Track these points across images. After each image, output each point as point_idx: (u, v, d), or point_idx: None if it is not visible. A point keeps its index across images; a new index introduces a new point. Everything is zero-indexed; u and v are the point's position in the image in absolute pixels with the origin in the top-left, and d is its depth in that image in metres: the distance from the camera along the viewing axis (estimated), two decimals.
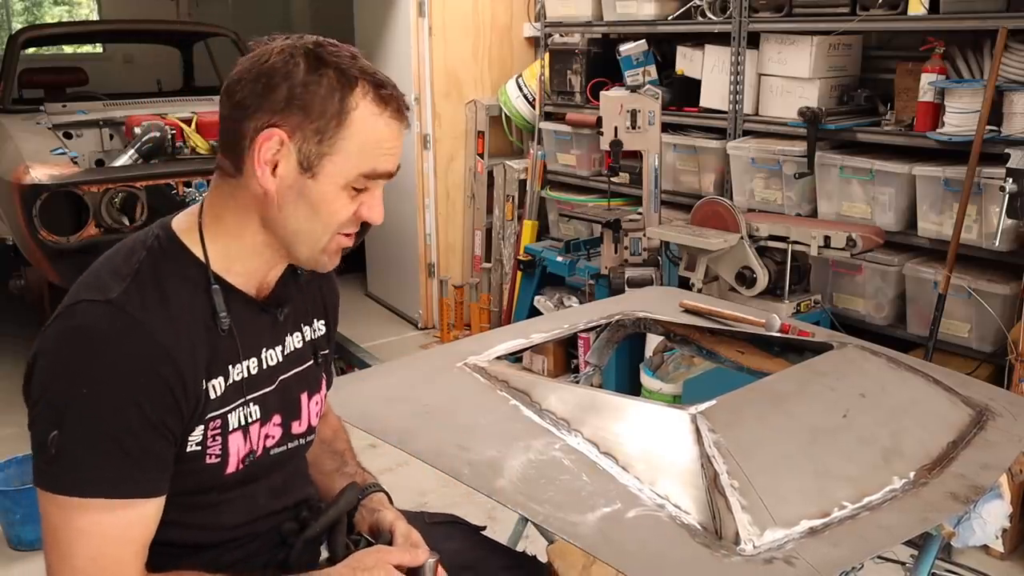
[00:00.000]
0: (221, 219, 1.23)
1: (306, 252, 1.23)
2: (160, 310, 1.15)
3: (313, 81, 1.15)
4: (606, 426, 1.49)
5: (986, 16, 2.92)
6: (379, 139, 1.18)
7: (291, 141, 1.16)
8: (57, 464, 1.10)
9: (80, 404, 1.10)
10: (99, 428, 1.10)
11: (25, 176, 3.13)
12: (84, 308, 1.13)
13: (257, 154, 1.16)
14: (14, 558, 2.92)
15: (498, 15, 4.82)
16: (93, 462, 1.10)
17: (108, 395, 1.10)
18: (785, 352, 2.00)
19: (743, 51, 3.60)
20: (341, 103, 1.15)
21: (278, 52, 1.17)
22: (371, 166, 1.19)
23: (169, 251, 1.21)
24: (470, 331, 4.67)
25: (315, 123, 1.15)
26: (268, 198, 1.19)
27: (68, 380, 1.11)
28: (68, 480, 1.10)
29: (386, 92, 1.19)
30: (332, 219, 1.20)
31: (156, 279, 1.17)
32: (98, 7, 8.24)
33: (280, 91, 1.15)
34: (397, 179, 1.27)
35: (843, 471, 1.41)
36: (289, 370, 1.34)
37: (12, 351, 4.70)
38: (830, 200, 3.39)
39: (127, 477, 1.12)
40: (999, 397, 1.76)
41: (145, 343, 1.12)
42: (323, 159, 1.17)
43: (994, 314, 2.96)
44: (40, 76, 5.44)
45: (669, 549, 1.26)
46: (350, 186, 1.19)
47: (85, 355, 1.11)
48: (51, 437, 1.10)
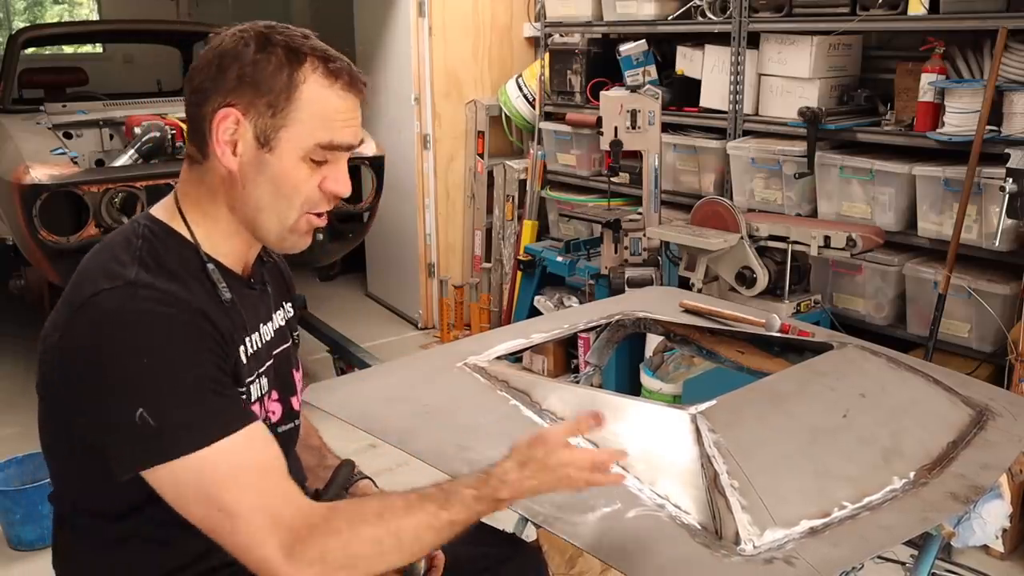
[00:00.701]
0: (198, 204, 1.27)
1: (274, 230, 1.26)
2: (175, 284, 1.18)
3: (262, 59, 1.20)
4: (606, 426, 1.49)
5: (986, 16, 2.92)
6: (332, 110, 1.22)
7: (246, 119, 1.21)
8: (164, 432, 1.10)
9: (153, 372, 1.11)
10: (184, 384, 1.12)
11: (25, 176, 3.13)
12: (108, 295, 1.15)
13: (216, 135, 1.21)
14: (14, 558, 2.92)
15: (498, 15, 4.82)
16: (194, 413, 1.12)
17: (173, 354, 1.13)
18: (785, 352, 2.00)
19: (743, 51, 3.60)
20: (290, 77, 1.20)
21: (230, 36, 1.23)
22: (327, 137, 1.22)
23: (161, 236, 1.24)
24: (470, 331, 4.67)
25: (265, 97, 1.20)
26: (232, 178, 1.23)
27: (127, 359, 1.11)
28: (187, 438, 1.11)
29: (335, 65, 1.23)
30: (295, 193, 1.24)
31: (158, 261, 1.20)
32: (98, 7, 8.24)
33: (232, 71, 1.20)
34: (397, 179, 1.30)
35: (843, 471, 1.41)
36: (279, 346, 1.40)
37: (12, 351, 4.70)
38: (830, 200, 3.39)
39: (231, 409, 1.16)
40: (999, 397, 1.77)
41: (183, 308, 1.16)
42: (279, 132, 1.21)
43: (994, 314, 2.96)
44: (40, 76, 5.44)
45: (669, 549, 1.26)
46: (308, 158, 1.23)
47: (134, 331, 1.13)
48: (139, 415, 1.10)
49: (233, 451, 1.12)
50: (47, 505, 1.36)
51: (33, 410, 1.30)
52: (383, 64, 4.94)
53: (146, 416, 1.10)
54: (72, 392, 1.17)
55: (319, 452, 1.58)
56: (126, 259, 1.19)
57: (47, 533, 2.88)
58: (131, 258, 1.19)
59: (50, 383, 1.22)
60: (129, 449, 1.12)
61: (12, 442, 3.31)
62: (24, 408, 4.14)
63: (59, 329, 1.18)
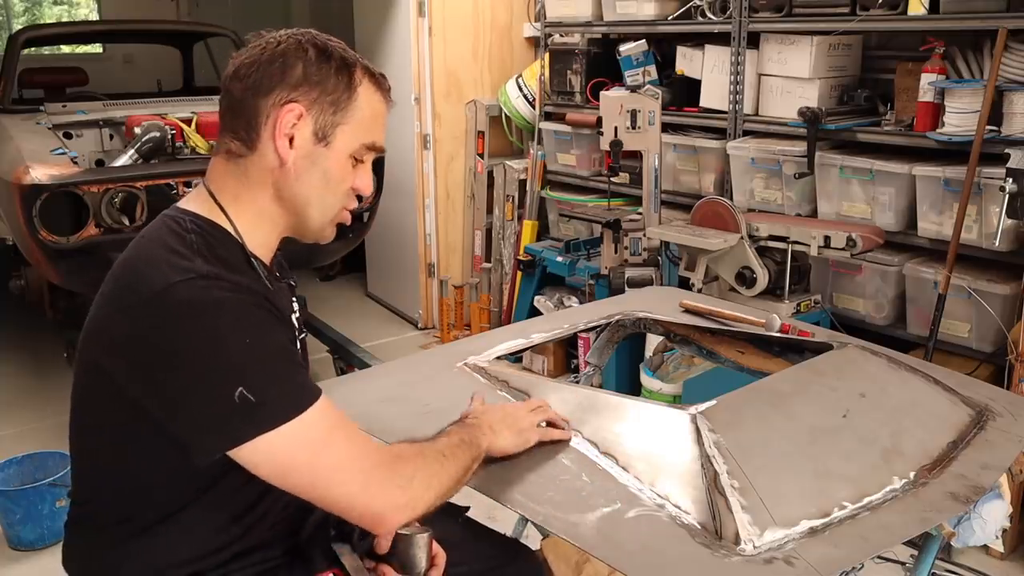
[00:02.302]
0: (237, 198, 1.32)
1: (317, 221, 1.35)
2: (235, 275, 1.24)
3: (324, 62, 1.30)
4: (606, 426, 1.49)
5: (986, 16, 2.92)
6: (378, 113, 1.35)
7: (308, 114, 1.29)
8: (266, 404, 1.17)
9: (251, 351, 1.18)
10: (275, 358, 1.22)
11: (25, 176, 3.13)
12: (183, 287, 1.18)
13: (277, 127, 1.28)
14: (14, 558, 2.92)
15: (498, 15, 4.82)
16: (291, 382, 1.22)
17: (264, 334, 1.21)
18: (785, 352, 2.00)
19: (743, 51, 3.60)
20: (349, 79, 1.31)
21: (287, 39, 1.31)
22: (372, 137, 1.34)
23: (208, 230, 1.29)
24: (470, 331, 4.67)
25: (330, 95, 1.29)
26: (284, 169, 1.30)
27: (227, 341, 1.17)
28: (286, 407, 1.19)
29: (378, 74, 1.36)
30: (340, 187, 1.34)
31: (214, 255, 1.25)
32: (98, 7, 8.24)
33: (296, 70, 1.28)
34: (397, 179, 1.35)
35: (843, 471, 1.41)
36: (300, 336, 1.46)
37: (12, 351, 4.70)
38: (830, 200, 3.39)
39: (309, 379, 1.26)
40: (999, 397, 1.76)
41: (253, 294, 1.23)
42: (336, 128, 1.30)
43: (994, 314, 2.96)
44: (40, 76, 5.44)
45: (669, 549, 1.26)
46: (353, 156, 1.33)
47: (217, 318, 1.18)
48: (238, 394, 1.15)
49: (321, 415, 1.22)
50: (47, 505, 1.37)
51: (33, 411, 1.31)
52: (383, 64, 4.93)
53: (246, 394, 1.16)
54: (144, 384, 1.20)
55: None
56: (187, 252, 1.23)
57: (47, 533, 2.91)
58: (191, 251, 1.23)
59: (106, 379, 1.23)
60: (225, 428, 1.17)
61: (12, 442, 3.32)
62: (24, 408, 4.16)
63: (124, 323, 1.20)
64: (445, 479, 1.30)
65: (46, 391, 4.05)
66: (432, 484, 1.28)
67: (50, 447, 3.08)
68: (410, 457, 1.29)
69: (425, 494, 1.27)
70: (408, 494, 1.25)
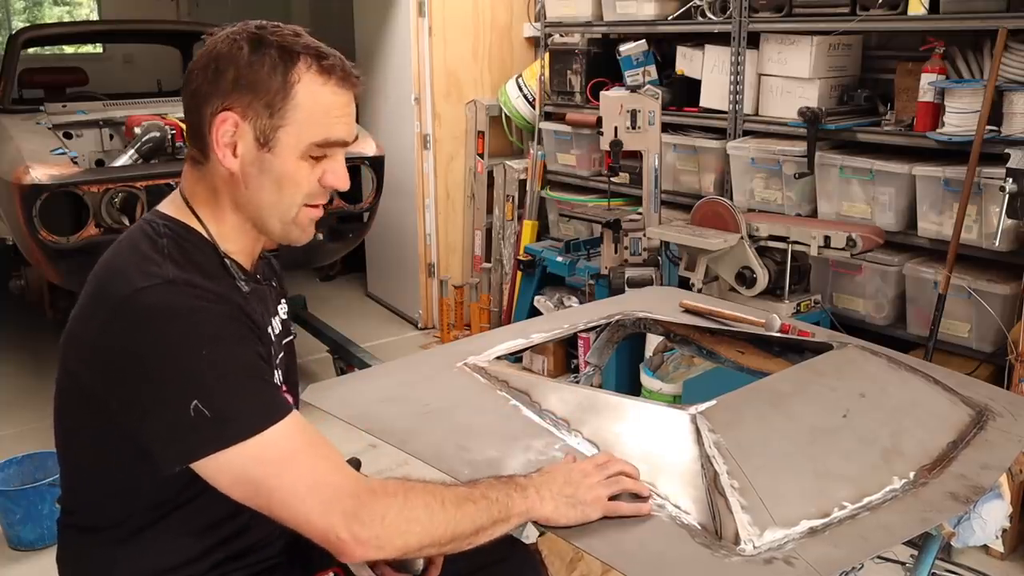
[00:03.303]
0: (207, 203, 1.31)
1: (277, 225, 1.30)
2: (208, 281, 1.22)
3: (257, 61, 1.23)
4: (606, 426, 1.49)
5: (986, 16, 2.92)
6: (326, 107, 1.25)
7: (245, 121, 1.24)
8: (223, 419, 1.14)
9: (208, 363, 1.14)
10: (235, 372, 1.17)
11: (25, 176, 3.13)
12: (149, 292, 1.17)
13: (216, 138, 1.24)
14: (14, 558, 2.92)
15: (498, 15, 4.82)
16: (249, 401, 1.16)
17: (224, 345, 1.17)
18: (785, 352, 2.00)
19: (743, 51, 3.60)
20: (285, 77, 1.23)
21: (223, 39, 1.25)
22: (323, 135, 1.25)
23: (182, 234, 1.27)
24: (470, 331, 4.67)
25: (263, 99, 1.23)
26: (234, 179, 1.27)
27: (183, 351, 1.14)
28: (241, 427, 1.14)
29: (328, 62, 1.25)
30: (296, 190, 1.27)
31: (186, 258, 1.24)
32: (98, 7, 8.24)
33: (228, 75, 1.23)
34: (397, 179, 1.32)
35: (843, 471, 1.41)
36: (285, 338, 1.44)
37: (12, 351, 4.70)
38: (830, 200, 3.39)
39: (279, 396, 1.22)
40: (999, 397, 1.76)
41: (222, 301, 1.20)
42: (277, 132, 1.24)
43: (994, 314, 2.96)
44: (40, 76, 5.45)
45: (669, 549, 1.26)
46: (307, 156, 1.26)
47: (184, 325, 1.15)
48: (193, 406, 1.12)
49: (286, 435, 1.17)
50: (47, 505, 1.37)
51: (33, 411, 1.31)
52: (383, 64, 4.94)
53: (201, 407, 1.12)
54: (116, 389, 1.18)
55: None
56: (157, 257, 1.21)
57: (47, 533, 2.91)
58: (161, 256, 1.22)
59: (81, 384, 1.23)
60: (182, 441, 1.15)
61: (12, 442, 3.31)
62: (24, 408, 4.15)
63: (94, 329, 1.20)
64: (437, 529, 1.19)
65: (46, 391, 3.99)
66: (412, 530, 1.18)
67: (50, 447, 3.01)
68: (391, 494, 1.19)
69: (398, 538, 1.17)
70: (373, 531, 1.15)
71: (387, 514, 1.16)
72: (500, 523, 1.24)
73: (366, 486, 1.18)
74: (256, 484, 1.15)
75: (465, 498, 1.22)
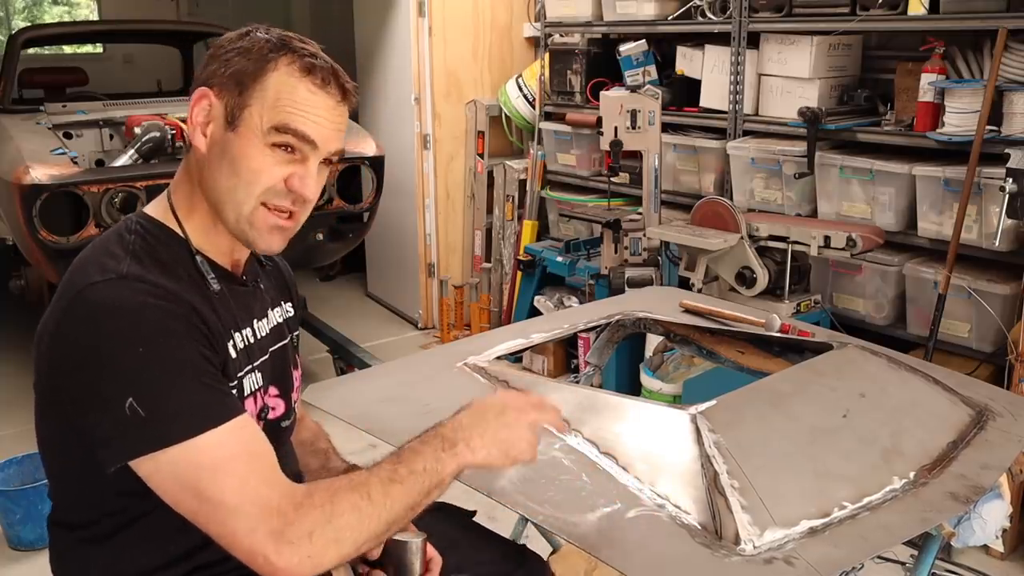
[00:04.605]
0: (188, 197, 1.29)
1: (232, 217, 1.25)
2: (167, 278, 1.20)
3: (243, 44, 1.24)
4: (606, 426, 1.49)
5: (986, 16, 2.92)
6: (297, 100, 1.22)
7: (219, 99, 1.23)
8: (154, 422, 1.11)
9: (143, 362, 1.12)
10: (172, 373, 1.13)
11: (25, 176, 3.13)
12: (100, 287, 1.15)
13: (191, 115, 1.24)
14: (14, 558, 2.92)
15: (498, 15, 4.82)
16: (184, 402, 1.12)
17: (164, 345, 1.13)
18: (785, 352, 2.00)
19: (743, 51, 3.60)
20: (262, 60, 1.23)
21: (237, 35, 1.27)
22: (284, 120, 1.22)
23: (152, 232, 1.26)
24: (470, 331, 4.67)
25: (236, 75, 1.22)
26: (201, 160, 1.26)
27: (120, 349, 1.12)
28: (174, 429, 1.11)
29: (312, 62, 1.24)
30: (254, 178, 1.23)
31: (151, 255, 1.22)
32: (98, 7, 8.23)
33: (217, 58, 1.25)
34: (397, 179, 1.30)
35: (843, 471, 1.41)
36: (275, 343, 1.41)
37: (12, 351, 4.70)
38: (830, 200, 3.39)
39: (221, 400, 1.16)
40: (999, 397, 1.77)
41: (173, 300, 1.17)
42: (243, 111, 1.22)
43: (994, 314, 2.96)
44: (40, 76, 5.45)
45: (669, 549, 1.26)
46: (269, 143, 1.22)
47: (124, 322, 1.13)
48: (128, 405, 1.10)
49: (220, 442, 1.12)
50: (47, 505, 1.36)
51: (33, 411, 1.30)
52: (383, 64, 4.94)
53: (136, 406, 1.10)
54: (66, 384, 1.17)
55: (324, 455, 1.58)
56: (119, 253, 1.21)
57: (47, 533, 2.90)
58: (124, 252, 1.21)
59: (45, 377, 1.22)
60: (119, 439, 1.12)
61: (12, 442, 3.31)
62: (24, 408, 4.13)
63: (52, 322, 1.19)
64: (370, 526, 1.14)
65: None
66: (345, 537, 1.11)
67: None
68: (318, 505, 1.12)
69: (332, 549, 1.11)
70: (304, 551, 1.09)
71: (314, 530, 1.10)
72: (435, 489, 1.20)
73: (292, 501, 1.11)
74: (186, 490, 1.11)
75: (391, 480, 1.16)
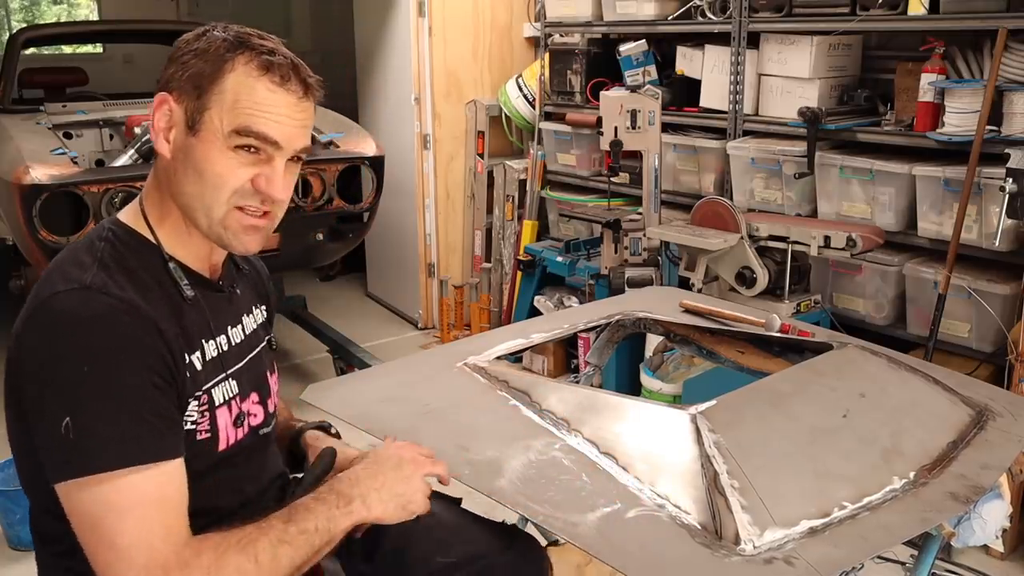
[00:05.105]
0: (159, 204, 1.28)
1: (203, 222, 1.24)
2: (133, 289, 1.18)
3: (200, 45, 1.22)
4: (606, 426, 1.49)
5: (986, 16, 2.92)
6: (257, 100, 1.20)
7: (179, 105, 1.22)
8: (79, 448, 1.09)
9: (86, 383, 1.10)
10: (111, 400, 1.10)
11: (25, 176, 3.13)
12: (62, 298, 1.14)
13: (153, 122, 1.23)
14: (14, 558, 2.92)
15: (498, 15, 4.82)
16: (115, 434, 1.10)
17: (111, 368, 1.11)
18: (785, 352, 2.00)
19: (743, 51, 3.60)
20: (219, 61, 1.20)
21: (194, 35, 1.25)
22: (244, 122, 1.20)
23: (124, 239, 1.25)
24: (470, 331, 4.67)
25: (194, 80, 1.20)
26: (168, 167, 1.24)
27: (67, 365, 1.10)
28: (96, 459, 1.09)
29: (270, 59, 1.21)
30: (220, 183, 1.21)
31: (120, 264, 1.20)
32: (98, 7, 8.23)
33: (176, 61, 1.23)
34: (397, 179, 1.29)
35: (843, 471, 1.41)
36: (252, 349, 1.40)
37: None
38: (830, 200, 3.39)
39: (150, 440, 1.12)
40: (999, 397, 1.76)
41: (132, 316, 1.14)
42: (203, 115, 1.20)
43: (994, 314, 2.96)
44: (40, 76, 5.44)
45: (669, 549, 1.26)
46: (232, 146, 1.21)
47: (77, 337, 1.11)
48: (64, 425, 1.09)
49: (135, 484, 1.10)
50: None
51: None
52: (383, 64, 4.94)
53: (70, 427, 1.08)
54: (23, 390, 1.16)
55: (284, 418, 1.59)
56: (87, 261, 1.19)
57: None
58: (92, 260, 1.19)
59: (12, 378, 1.20)
60: (49, 458, 1.12)
61: None
62: None
63: (20, 326, 1.18)
64: None
65: None
66: None
67: None
68: (204, 566, 1.09)
69: None
70: None
71: None
72: (325, 547, 1.20)
73: (179, 559, 1.09)
74: (87, 521, 1.09)
75: (280, 541, 1.15)
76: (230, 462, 1.30)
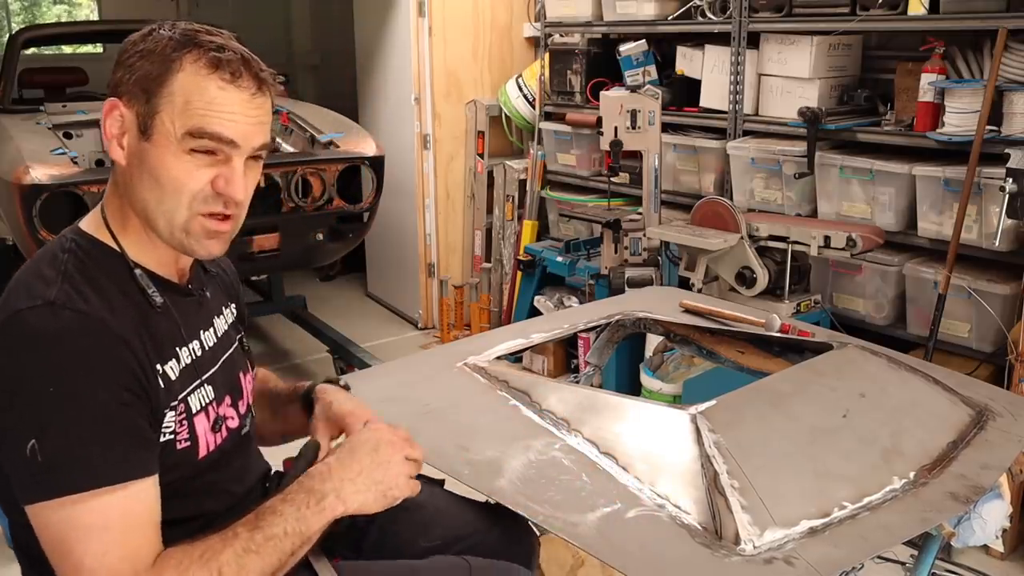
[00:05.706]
0: (120, 210, 1.24)
1: (165, 229, 1.20)
2: (99, 302, 1.15)
3: (146, 47, 1.18)
4: (606, 426, 1.49)
5: (986, 16, 2.92)
6: (208, 100, 1.17)
7: (129, 110, 1.18)
8: (47, 470, 1.07)
9: (52, 404, 1.07)
10: (78, 420, 1.08)
11: (25, 176, 3.13)
12: (25, 315, 1.11)
13: (105, 128, 1.19)
14: (14, 558, 2.91)
15: (498, 15, 4.82)
16: (83, 455, 1.08)
17: (78, 387, 1.08)
18: (785, 352, 2.00)
19: (743, 51, 3.60)
20: (167, 62, 1.17)
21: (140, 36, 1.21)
22: (197, 124, 1.16)
23: (87, 249, 1.21)
24: (470, 331, 4.67)
25: (141, 83, 1.17)
26: (123, 174, 1.21)
27: (32, 385, 1.08)
28: (63, 480, 1.07)
29: (219, 56, 1.17)
30: (178, 188, 1.18)
31: (85, 275, 1.17)
32: (98, 7, 8.23)
33: (123, 65, 1.19)
34: (397, 179, 1.27)
35: (843, 471, 1.41)
36: (225, 351, 1.37)
37: None
38: (830, 200, 3.39)
39: (119, 460, 1.10)
40: (999, 397, 1.76)
41: (98, 332, 1.12)
42: (154, 119, 1.17)
43: (994, 314, 2.96)
44: (40, 76, 5.44)
45: (669, 549, 1.26)
46: (188, 149, 1.17)
47: (42, 357, 1.09)
48: (30, 447, 1.07)
49: (103, 506, 1.08)
50: None
51: None
52: (383, 64, 4.94)
53: (36, 449, 1.06)
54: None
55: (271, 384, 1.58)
56: (50, 275, 1.15)
57: None
58: (56, 273, 1.15)
59: None
60: (17, 480, 1.10)
61: None
62: None
63: None
64: None
65: None
66: None
67: None
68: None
69: None
70: None
71: None
72: (300, 548, 1.17)
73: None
74: (55, 541, 1.08)
75: (245, 550, 1.12)
76: (213, 467, 1.28)
